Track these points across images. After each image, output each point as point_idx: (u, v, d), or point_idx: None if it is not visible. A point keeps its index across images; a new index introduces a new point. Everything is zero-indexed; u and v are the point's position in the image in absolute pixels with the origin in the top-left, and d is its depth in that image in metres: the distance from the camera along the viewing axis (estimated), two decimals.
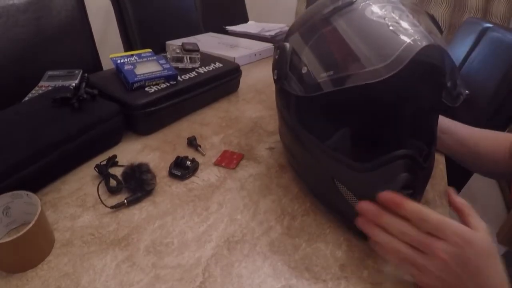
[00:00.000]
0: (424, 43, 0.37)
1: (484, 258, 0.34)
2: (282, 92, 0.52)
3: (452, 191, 0.42)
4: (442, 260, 0.33)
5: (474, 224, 0.36)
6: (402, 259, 0.36)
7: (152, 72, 0.71)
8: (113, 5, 1.17)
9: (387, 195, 0.37)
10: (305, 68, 0.45)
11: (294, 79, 0.48)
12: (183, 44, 0.82)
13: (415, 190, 0.41)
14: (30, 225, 0.38)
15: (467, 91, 0.47)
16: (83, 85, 0.64)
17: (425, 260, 0.34)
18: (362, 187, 0.43)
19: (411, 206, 0.36)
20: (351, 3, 0.43)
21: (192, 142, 0.65)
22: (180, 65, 0.81)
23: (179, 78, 0.75)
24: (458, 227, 0.34)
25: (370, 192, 0.41)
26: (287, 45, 0.49)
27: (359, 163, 0.43)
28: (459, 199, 0.40)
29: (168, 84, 0.72)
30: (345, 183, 0.44)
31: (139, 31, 1.20)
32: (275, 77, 0.53)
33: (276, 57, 0.52)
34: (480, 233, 0.35)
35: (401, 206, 0.36)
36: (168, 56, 0.82)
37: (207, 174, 0.58)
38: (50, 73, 0.80)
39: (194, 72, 0.79)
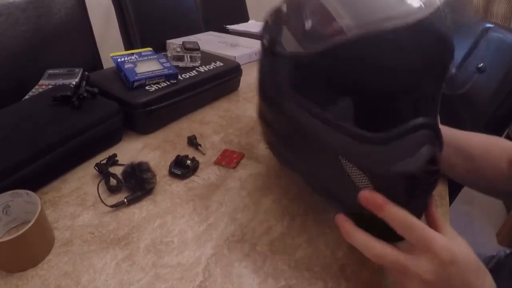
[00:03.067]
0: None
1: (473, 274, 0.32)
2: (273, 64, 0.45)
3: (432, 201, 0.38)
4: (426, 282, 0.31)
5: (453, 237, 0.34)
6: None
7: (152, 71, 0.71)
8: (113, 3, 1.17)
9: (368, 195, 0.34)
10: (311, 21, 0.38)
11: (293, 40, 0.40)
12: (183, 43, 0.82)
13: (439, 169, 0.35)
14: (30, 224, 0.38)
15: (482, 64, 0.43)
16: (84, 83, 0.64)
17: (407, 279, 0.32)
18: (376, 163, 0.35)
19: (394, 211, 0.33)
20: None
21: (192, 141, 0.65)
22: (181, 64, 0.81)
23: (179, 77, 0.74)
24: (445, 242, 0.31)
25: (386, 170, 0.35)
26: (284, 6, 0.43)
27: (372, 134, 0.35)
28: (436, 212, 0.37)
29: (169, 83, 0.72)
30: (354, 159, 0.36)
31: (139, 30, 1.20)
32: (266, 44, 0.45)
33: (269, 22, 0.46)
34: (464, 249, 0.32)
35: (383, 208, 0.33)
36: (169, 55, 0.81)
37: (207, 173, 0.58)
38: (50, 71, 0.80)
39: (194, 71, 0.79)
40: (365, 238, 0.34)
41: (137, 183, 0.51)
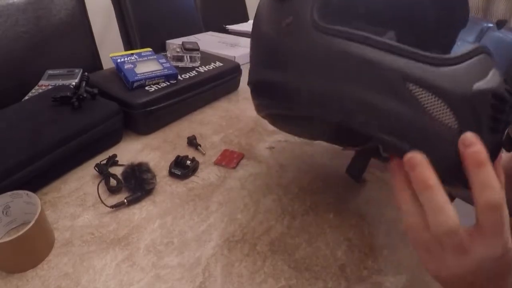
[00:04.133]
0: None
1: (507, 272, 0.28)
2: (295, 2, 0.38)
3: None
4: (471, 266, 0.27)
5: None
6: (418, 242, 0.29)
7: (152, 71, 0.71)
8: (113, 4, 1.17)
9: (474, 141, 0.28)
10: None
11: None
12: (183, 43, 0.82)
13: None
14: (30, 224, 0.38)
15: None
16: (83, 84, 0.64)
17: (450, 258, 0.28)
18: (455, 84, 0.31)
19: (492, 173, 0.27)
20: None
21: (192, 142, 0.65)
22: (180, 64, 0.81)
23: (179, 77, 0.74)
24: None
25: (467, 89, 0.30)
26: None
27: (442, 55, 0.31)
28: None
29: (168, 83, 0.72)
30: (427, 83, 0.31)
31: (139, 30, 1.20)
32: None
33: None
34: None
35: (484, 165, 0.27)
36: (168, 55, 0.81)
37: (207, 174, 0.58)
38: (50, 72, 0.80)
39: (194, 71, 0.79)
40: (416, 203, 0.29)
41: (137, 184, 0.51)
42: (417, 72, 0.31)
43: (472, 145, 0.28)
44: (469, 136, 0.28)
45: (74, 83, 0.74)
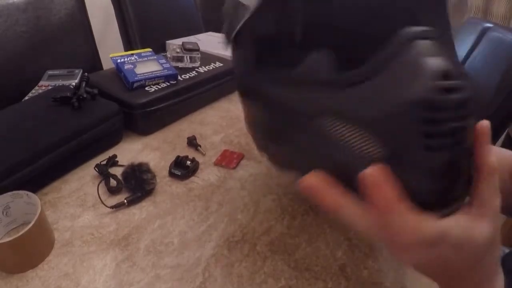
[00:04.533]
0: None
1: (483, 255, 0.26)
2: (239, 51, 0.37)
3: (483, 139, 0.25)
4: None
5: (486, 198, 0.26)
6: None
7: (152, 72, 0.71)
8: (113, 4, 1.17)
9: (376, 182, 0.23)
10: None
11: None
12: (183, 43, 0.82)
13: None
14: (30, 225, 0.38)
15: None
16: (83, 84, 0.64)
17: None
18: (368, 104, 0.24)
19: (405, 218, 0.23)
20: None
21: (192, 142, 0.65)
22: (180, 65, 0.81)
23: (179, 77, 0.75)
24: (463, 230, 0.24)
25: (383, 108, 0.24)
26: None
27: (350, 72, 0.25)
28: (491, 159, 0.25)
29: (168, 84, 0.72)
30: (337, 112, 0.26)
31: (139, 30, 1.20)
32: (227, 32, 0.38)
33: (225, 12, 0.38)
34: (485, 227, 0.25)
35: (392, 210, 0.23)
36: (168, 55, 0.81)
37: (207, 174, 0.58)
38: (50, 72, 0.80)
39: (194, 72, 0.79)
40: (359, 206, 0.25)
41: (137, 184, 0.51)
42: (323, 102, 0.26)
43: (375, 186, 0.23)
44: (368, 175, 0.23)
45: (74, 84, 0.74)
